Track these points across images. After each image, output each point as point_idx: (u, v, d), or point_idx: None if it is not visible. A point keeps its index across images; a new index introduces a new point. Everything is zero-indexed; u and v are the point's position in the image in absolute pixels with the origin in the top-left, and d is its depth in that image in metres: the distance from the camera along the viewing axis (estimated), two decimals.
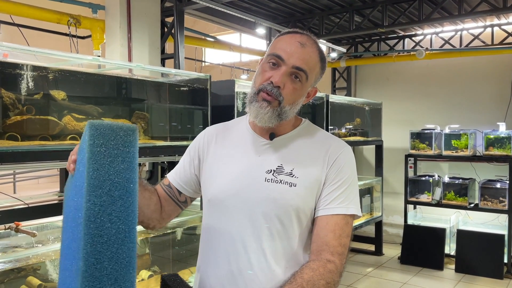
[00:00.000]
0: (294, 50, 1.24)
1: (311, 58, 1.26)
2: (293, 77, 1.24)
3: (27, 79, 2.28)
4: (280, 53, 1.24)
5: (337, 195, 1.26)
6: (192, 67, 7.10)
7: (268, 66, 1.26)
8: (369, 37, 6.88)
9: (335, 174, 1.27)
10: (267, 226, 1.24)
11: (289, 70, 1.23)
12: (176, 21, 4.30)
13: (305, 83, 1.27)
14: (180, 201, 1.45)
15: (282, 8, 5.56)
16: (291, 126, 1.35)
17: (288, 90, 1.24)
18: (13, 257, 2.09)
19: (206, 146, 1.41)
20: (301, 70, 1.24)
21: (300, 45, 1.25)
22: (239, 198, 1.27)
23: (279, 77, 1.22)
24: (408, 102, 6.69)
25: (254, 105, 1.25)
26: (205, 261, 1.34)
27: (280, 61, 1.24)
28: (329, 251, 1.20)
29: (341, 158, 1.29)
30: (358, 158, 7.20)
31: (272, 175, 1.26)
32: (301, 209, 1.25)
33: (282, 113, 1.25)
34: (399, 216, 6.48)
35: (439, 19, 5.25)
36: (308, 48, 1.26)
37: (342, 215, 1.25)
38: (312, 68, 1.27)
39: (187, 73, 3.39)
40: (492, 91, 6.03)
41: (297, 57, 1.23)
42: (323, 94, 4.81)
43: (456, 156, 5.61)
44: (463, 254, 5.29)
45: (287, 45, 1.25)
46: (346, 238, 1.24)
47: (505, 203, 5.19)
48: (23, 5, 3.77)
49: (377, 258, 5.91)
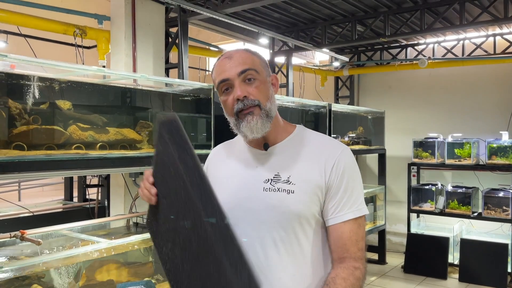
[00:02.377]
0: (228, 65, 1.29)
1: (244, 58, 1.31)
2: (247, 81, 1.28)
3: (33, 90, 2.32)
4: (223, 76, 1.29)
5: (345, 200, 1.27)
6: (196, 76, 7.15)
7: (224, 94, 1.31)
8: (371, 46, 6.92)
9: (338, 180, 1.28)
10: (270, 235, 1.26)
11: (239, 79, 1.28)
12: (180, 31, 4.35)
13: (260, 76, 1.30)
14: None
15: (285, 18, 5.61)
16: (284, 133, 1.37)
17: (254, 92, 1.28)
18: (18, 265, 2.11)
19: (209, 167, 1.48)
20: (246, 70, 1.28)
21: (228, 59, 1.31)
22: (240, 210, 1.29)
23: (238, 90, 1.27)
24: (411, 111, 6.71)
25: (243, 126, 1.28)
26: None
27: (228, 81, 1.29)
28: (352, 258, 1.25)
29: (339, 161, 1.29)
30: (361, 166, 7.21)
31: (269, 184, 1.29)
32: (302, 214, 1.26)
33: (268, 112, 1.28)
34: (402, 225, 6.47)
35: (441, 29, 5.28)
36: (235, 55, 1.31)
37: (354, 219, 1.27)
38: (252, 63, 1.31)
39: (190, 83, 3.43)
40: (495, 100, 6.04)
41: (234, 66, 1.28)
42: (325, 103, 4.84)
43: (459, 165, 5.61)
44: (467, 263, 5.27)
45: (221, 67, 1.31)
46: (362, 240, 1.28)
47: (508, 212, 5.18)
48: (30, 16, 3.84)
49: (381, 267, 5.89)
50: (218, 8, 4.36)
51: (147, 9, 4.23)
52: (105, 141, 2.62)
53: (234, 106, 1.27)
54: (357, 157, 7.03)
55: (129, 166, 2.76)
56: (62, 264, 2.30)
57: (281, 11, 5.33)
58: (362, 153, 6.14)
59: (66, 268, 2.40)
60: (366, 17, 5.42)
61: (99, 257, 2.48)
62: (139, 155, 2.79)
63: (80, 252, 2.35)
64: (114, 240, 2.56)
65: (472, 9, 5.03)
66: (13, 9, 3.76)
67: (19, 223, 3.25)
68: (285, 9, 5.26)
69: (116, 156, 2.59)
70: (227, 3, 4.36)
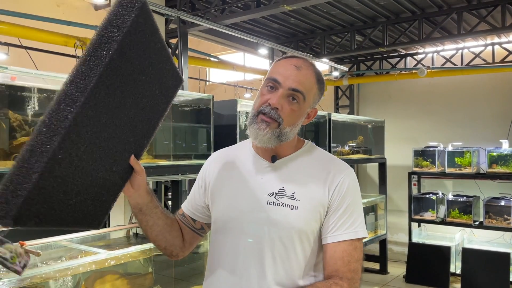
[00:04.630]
0: (290, 73, 1.27)
1: (307, 80, 1.29)
2: (291, 99, 1.27)
3: (33, 101, 2.34)
4: (277, 77, 1.28)
5: (343, 221, 1.27)
6: (196, 86, 7.18)
7: (266, 89, 1.29)
8: (371, 56, 6.95)
9: (339, 200, 1.28)
10: (270, 249, 1.25)
11: (286, 92, 1.26)
12: (180, 42, 4.39)
13: (303, 104, 1.29)
14: (196, 229, 1.48)
15: (285, 28, 5.65)
16: (293, 148, 1.36)
17: (286, 112, 1.26)
18: (18, 276, 2.11)
19: (211, 172, 1.44)
20: (298, 91, 1.26)
21: (296, 68, 1.28)
22: (242, 220, 1.29)
23: (276, 99, 1.25)
24: (411, 120, 6.72)
25: (253, 127, 1.28)
26: (210, 282, 1.37)
27: (277, 84, 1.27)
28: (338, 277, 1.22)
29: (343, 181, 1.30)
30: (362, 175, 7.20)
31: (274, 198, 1.28)
32: (303, 231, 1.26)
33: (282, 134, 1.27)
34: (403, 234, 6.44)
35: (439, 38, 5.31)
36: (303, 71, 1.29)
37: (350, 240, 1.26)
38: (309, 89, 1.29)
39: (190, 94, 3.45)
40: (494, 108, 6.05)
41: (292, 79, 1.26)
42: (325, 113, 4.85)
43: (460, 174, 5.60)
44: (469, 272, 5.24)
45: (283, 68, 1.29)
46: (356, 263, 1.25)
47: (510, 221, 5.16)
48: (31, 29, 3.87)
49: (382, 276, 5.85)
50: (218, 19, 4.40)
51: None
52: None
53: (262, 105, 1.27)
54: (357, 166, 7.04)
55: None
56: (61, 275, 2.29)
57: (281, 22, 5.38)
58: (362, 162, 6.14)
59: (66, 279, 2.40)
60: (365, 27, 5.46)
61: (98, 268, 2.48)
62: None
63: (80, 263, 2.34)
64: (113, 251, 2.56)
65: (470, 19, 5.06)
66: (14, 21, 3.80)
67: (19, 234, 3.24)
68: (285, 19, 5.31)
69: None
70: (227, 14, 4.40)
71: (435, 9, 4.96)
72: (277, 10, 4.20)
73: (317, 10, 4.93)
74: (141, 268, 3.02)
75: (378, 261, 6.09)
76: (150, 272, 3.02)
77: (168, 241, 1.39)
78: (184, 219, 1.48)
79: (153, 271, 3.03)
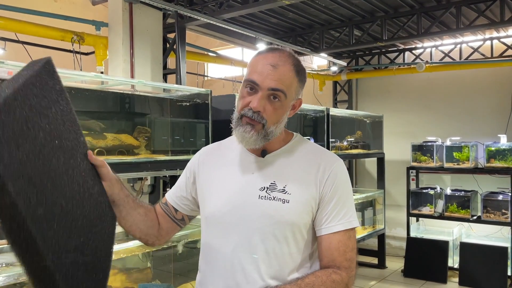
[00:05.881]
0: (267, 72, 1.25)
1: (285, 76, 1.26)
2: (272, 98, 1.26)
3: None
4: (254, 78, 1.26)
5: (336, 212, 1.28)
6: (194, 81, 7.16)
7: (245, 91, 1.28)
8: (369, 51, 6.94)
9: (331, 192, 1.29)
10: (263, 243, 1.26)
11: (266, 93, 1.25)
12: (178, 37, 4.37)
13: (285, 101, 1.28)
14: (177, 219, 1.48)
15: (283, 23, 5.63)
16: (282, 142, 1.36)
17: (269, 112, 1.26)
18: (15, 271, 2.11)
19: (201, 166, 1.44)
20: (278, 90, 1.25)
21: (272, 67, 1.25)
22: (234, 216, 1.29)
23: (257, 102, 1.24)
24: (409, 115, 6.72)
25: (238, 130, 1.28)
26: (203, 277, 1.37)
27: (255, 85, 1.25)
28: (336, 266, 1.24)
29: (334, 173, 1.31)
30: (360, 170, 7.21)
31: (265, 192, 1.28)
32: (296, 225, 1.27)
33: (268, 134, 1.27)
34: (401, 229, 6.46)
35: (438, 33, 5.30)
36: (280, 68, 1.25)
37: (344, 230, 1.27)
38: (289, 85, 1.27)
39: (188, 89, 3.44)
40: (493, 103, 6.05)
41: (270, 79, 1.24)
42: (323, 108, 4.85)
43: (458, 168, 5.61)
44: (467, 267, 5.26)
45: (261, 67, 1.26)
46: (351, 252, 1.27)
47: (507, 215, 5.18)
48: (28, 23, 3.85)
49: (380, 271, 5.88)
50: (216, 13, 4.38)
51: (145, 15, 4.25)
52: (102, 147, 2.63)
53: (244, 109, 1.27)
54: (356, 161, 7.05)
55: (127, 172, 2.76)
56: None
57: (279, 17, 5.36)
58: (360, 157, 6.15)
59: None
60: (363, 21, 5.44)
61: None
62: (136, 161, 2.80)
63: None
64: None
65: (468, 13, 5.05)
66: (11, 16, 3.78)
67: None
68: (283, 14, 5.29)
69: (113, 161, 2.59)
70: (224, 8, 4.38)
71: (434, 3, 4.94)
72: (275, 4, 4.18)
73: (316, 5, 4.91)
74: (140, 263, 3.02)
75: (376, 255, 6.10)
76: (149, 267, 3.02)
77: (142, 231, 1.40)
78: (167, 208, 1.48)
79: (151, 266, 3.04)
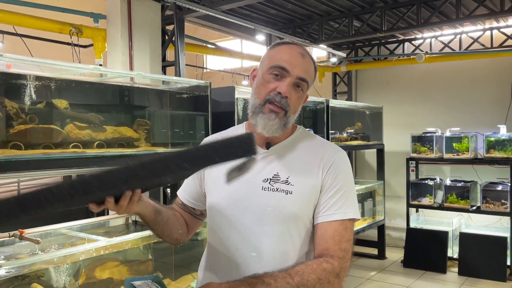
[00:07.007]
0: (297, 61, 1.28)
1: (310, 68, 1.33)
2: (296, 87, 1.29)
3: (30, 89, 2.32)
4: (284, 65, 1.27)
5: (334, 201, 1.28)
6: (193, 73, 7.15)
7: (271, 77, 1.29)
8: (369, 42, 6.91)
9: (331, 180, 1.29)
10: (265, 234, 1.27)
11: (294, 81, 1.28)
12: (177, 29, 4.35)
13: (305, 92, 1.33)
14: (197, 215, 1.51)
15: (282, 14, 5.61)
16: (286, 134, 1.37)
17: (293, 100, 1.28)
18: (17, 264, 2.12)
19: None
20: (304, 80, 1.29)
21: (301, 56, 1.30)
22: (238, 207, 1.30)
23: (285, 87, 1.26)
24: (409, 106, 6.71)
25: (261, 117, 1.28)
26: (208, 265, 1.39)
27: (284, 72, 1.27)
28: (329, 255, 1.23)
29: (336, 163, 1.31)
30: (360, 162, 7.22)
31: (268, 184, 1.29)
32: (298, 216, 1.27)
33: (287, 122, 1.29)
34: (401, 220, 6.48)
35: (438, 23, 5.28)
36: (307, 59, 1.32)
37: (340, 220, 1.27)
38: (311, 77, 1.33)
39: (187, 81, 3.43)
40: (492, 93, 6.04)
41: (300, 68, 1.28)
42: (323, 99, 4.84)
43: (458, 159, 5.62)
44: (466, 257, 5.29)
45: (289, 56, 1.29)
46: (346, 242, 1.26)
47: (507, 206, 5.19)
48: (26, 16, 3.83)
49: (380, 261, 5.91)
50: (214, 5, 4.36)
51: (143, 7, 4.22)
52: (102, 140, 2.63)
53: (270, 94, 1.27)
54: (355, 152, 7.05)
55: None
56: (61, 263, 2.31)
57: (278, 8, 5.33)
58: (360, 148, 6.15)
59: (66, 267, 2.41)
60: (363, 12, 5.41)
61: (98, 255, 2.49)
62: (136, 153, 2.79)
63: (79, 251, 2.35)
64: (113, 238, 2.57)
65: (468, 3, 5.02)
66: (9, 8, 3.75)
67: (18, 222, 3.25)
68: (282, 5, 5.26)
69: (113, 154, 2.59)
70: (223, 0, 4.36)
71: None
72: None
73: None
74: (141, 255, 3.03)
75: (376, 246, 6.13)
76: (150, 259, 3.03)
77: (178, 232, 1.43)
78: (185, 207, 1.50)
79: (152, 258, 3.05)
